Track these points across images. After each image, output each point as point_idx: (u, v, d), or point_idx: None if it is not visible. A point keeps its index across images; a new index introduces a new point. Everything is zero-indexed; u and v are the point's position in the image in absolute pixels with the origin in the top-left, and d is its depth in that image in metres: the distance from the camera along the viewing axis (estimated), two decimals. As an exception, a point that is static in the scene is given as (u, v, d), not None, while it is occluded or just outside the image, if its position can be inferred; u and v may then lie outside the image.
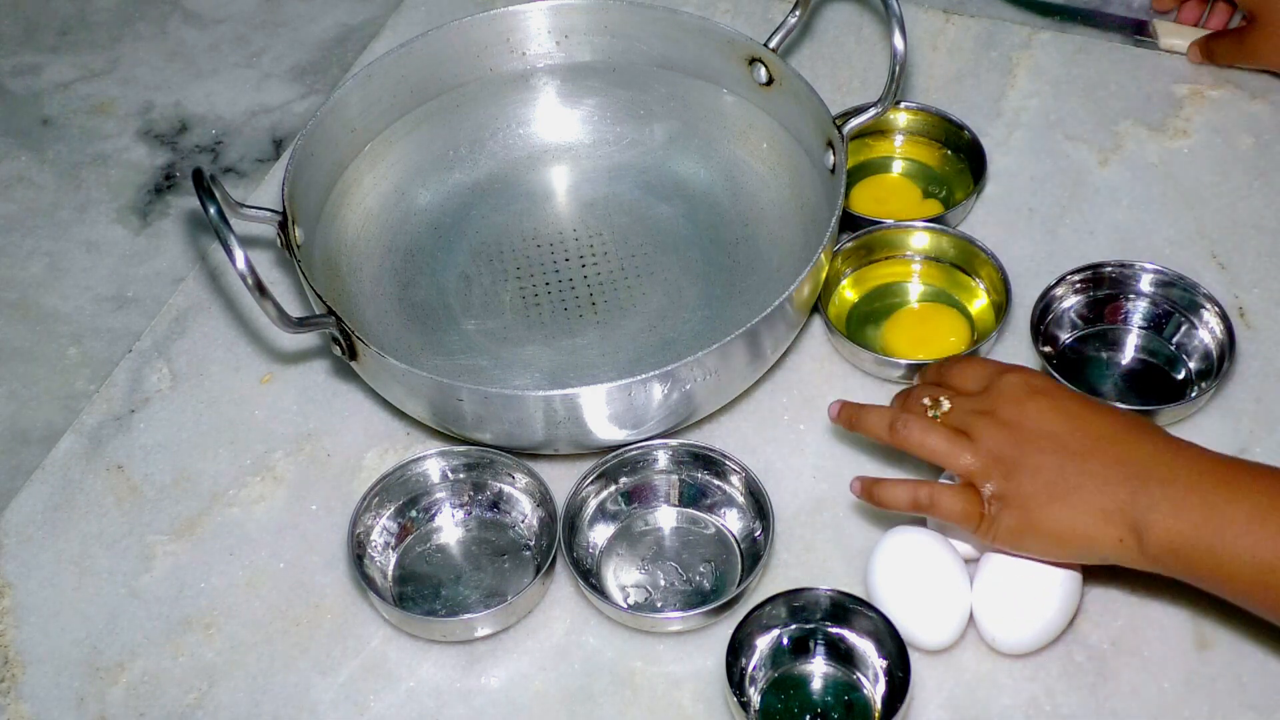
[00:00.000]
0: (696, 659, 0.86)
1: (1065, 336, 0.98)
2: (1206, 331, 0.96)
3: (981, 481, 0.81)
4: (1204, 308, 0.96)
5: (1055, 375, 0.92)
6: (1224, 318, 0.95)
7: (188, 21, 1.27)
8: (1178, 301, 0.97)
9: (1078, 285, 0.98)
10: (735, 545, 0.90)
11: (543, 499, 0.90)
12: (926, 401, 0.84)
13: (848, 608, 0.84)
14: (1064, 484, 0.79)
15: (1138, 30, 1.17)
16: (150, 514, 0.94)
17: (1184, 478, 0.77)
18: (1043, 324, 0.97)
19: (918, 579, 0.84)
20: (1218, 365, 0.94)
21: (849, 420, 0.87)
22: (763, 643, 0.84)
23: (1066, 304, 0.98)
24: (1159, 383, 0.96)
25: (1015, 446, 0.80)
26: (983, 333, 0.98)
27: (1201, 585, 0.78)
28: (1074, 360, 0.97)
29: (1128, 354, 0.97)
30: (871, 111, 0.98)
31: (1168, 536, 0.76)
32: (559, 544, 0.87)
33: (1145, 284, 0.98)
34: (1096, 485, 0.78)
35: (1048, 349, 0.96)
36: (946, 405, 0.84)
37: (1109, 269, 0.98)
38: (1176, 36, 1.15)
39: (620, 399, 0.88)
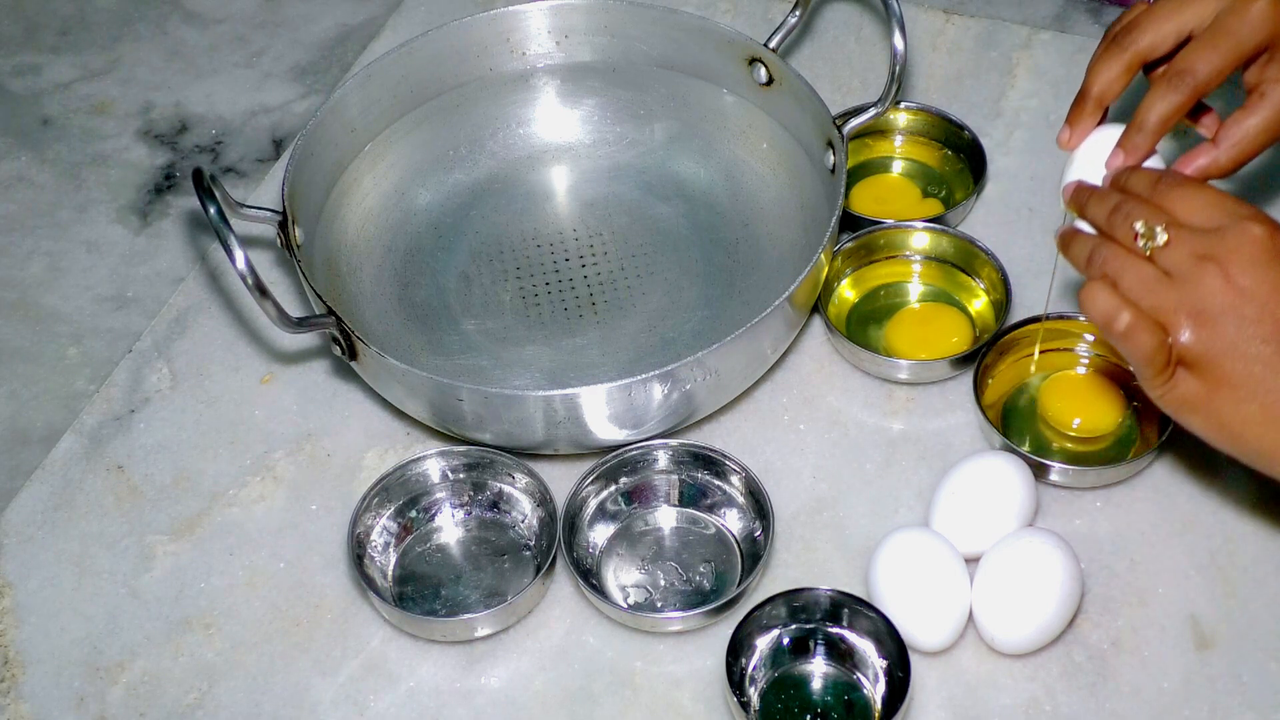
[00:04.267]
0: (696, 659, 0.86)
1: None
2: None
3: (1178, 331, 0.69)
4: None
5: None
6: None
7: (188, 21, 1.28)
8: None
9: None
10: (735, 545, 0.90)
11: (543, 499, 0.90)
12: (1139, 228, 0.72)
13: (848, 608, 0.84)
14: (1272, 383, 0.68)
15: None
16: (150, 514, 0.94)
17: None
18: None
19: (918, 579, 0.84)
20: None
21: (1062, 242, 0.77)
22: (763, 643, 0.84)
23: None
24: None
25: (1235, 316, 0.68)
26: (984, 331, 0.98)
27: None
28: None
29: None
30: (871, 111, 0.98)
31: None
32: (559, 544, 0.87)
33: None
34: None
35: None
36: (1163, 238, 0.70)
37: None
38: None
39: (620, 399, 0.88)
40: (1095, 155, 0.84)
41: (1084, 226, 0.80)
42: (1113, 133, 0.84)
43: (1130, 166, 0.81)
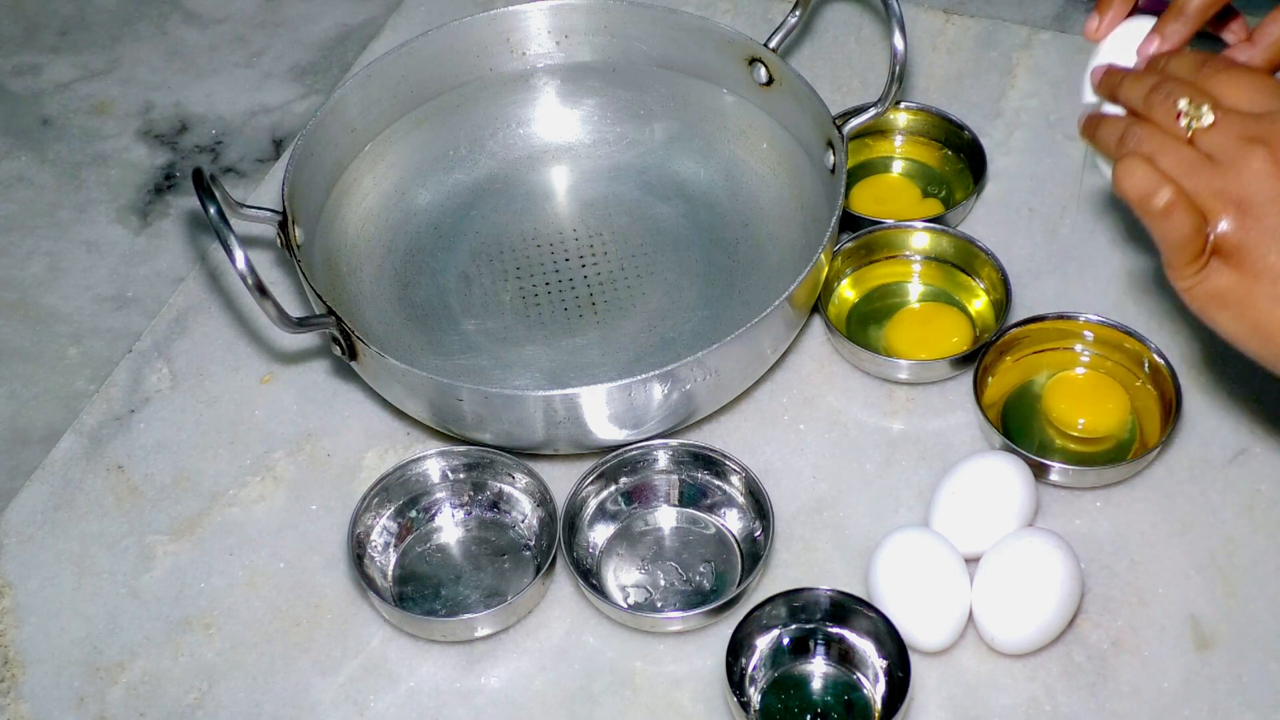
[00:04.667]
0: (696, 659, 0.86)
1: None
2: None
3: (1216, 218, 0.65)
4: None
5: None
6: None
7: (188, 21, 1.28)
8: None
9: None
10: (735, 545, 0.90)
11: (543, 499, 0.90)
12: (1183, 106, 0.67)
13: (848, 608, 0.84)
14: None
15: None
16: (150, 514, 0.94)
17: None
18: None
19: (918, 579, 0.84)
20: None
21: (1109, 90, 0.71)
22: (763, 643, 0.84)
23: None
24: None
25: (1279, 204, 0.63)
26: (984, 331, 0.98)
27: None
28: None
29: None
30: (871, 111, 0.98)
31: None
32: (559, 544, 0.87)
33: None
34: None
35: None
36: (1209, 118, 0.66)
37: None
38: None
39: (620, 399, 0.88)
40: (1125, 46, 0.78)
41: (1112, 110, 0.74)
42: (1143, 24, 0.78)
43: (1166, 53, 0.74)
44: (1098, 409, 0.93)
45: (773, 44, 1.03)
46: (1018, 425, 0.94)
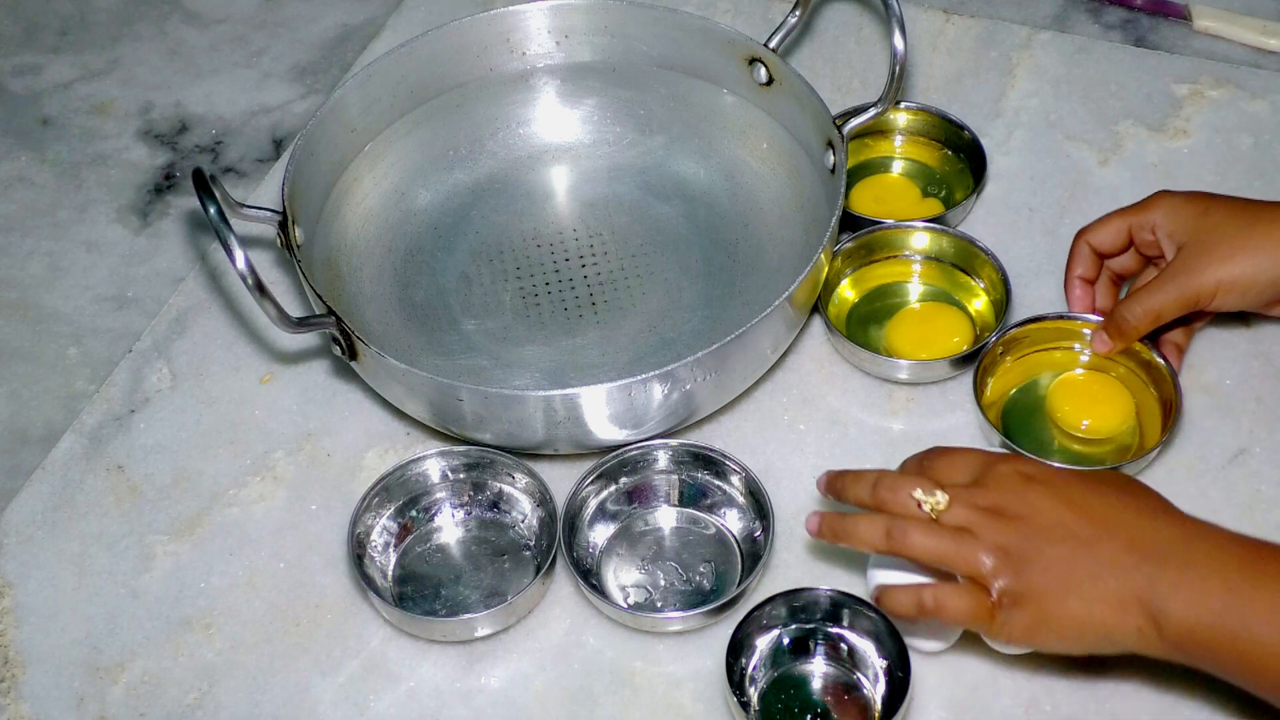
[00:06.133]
0: (696, 659, 0.86)
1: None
2: None
3: (991, 580, 0.75)
4: None
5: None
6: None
7: (188, 21, 1.28)
8: None
9: None
10: (735, 545, 0.90)
11: (543, 499, 0.90)
12: (919, 495, 0.77)
13: (848, 608, 0.84)
14: (1077, 575, 0.74)
15: (1171, 11, 1.17)
16: (150, 514, 0.94)
17: (1203, 560, 0.73)
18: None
19: (917, 579, 0.83)
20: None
21: (832, 533, 0.80)
22: (763, 643, 0.84)
23: None
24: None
25: (1023, 540, 0.75)
26: (984, 331, 0.98)
27: (1226, 676, 0.73)
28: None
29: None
30: (871, 111, 0.98)
31: (1188, 624, 0.72)
32: (559, 544, 0.87)
33: None
34: (1111, 573, 0.73)
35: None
36: (943, 499, 0.77)
37: None
38: (1211, 19, 1.16)
39: (620, 399, 0.88)
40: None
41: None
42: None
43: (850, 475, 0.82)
44: (1103, 410, 0.93)
45: (773, 44, 1.03)
46: (1017, 425, 0.94)
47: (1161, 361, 0.93)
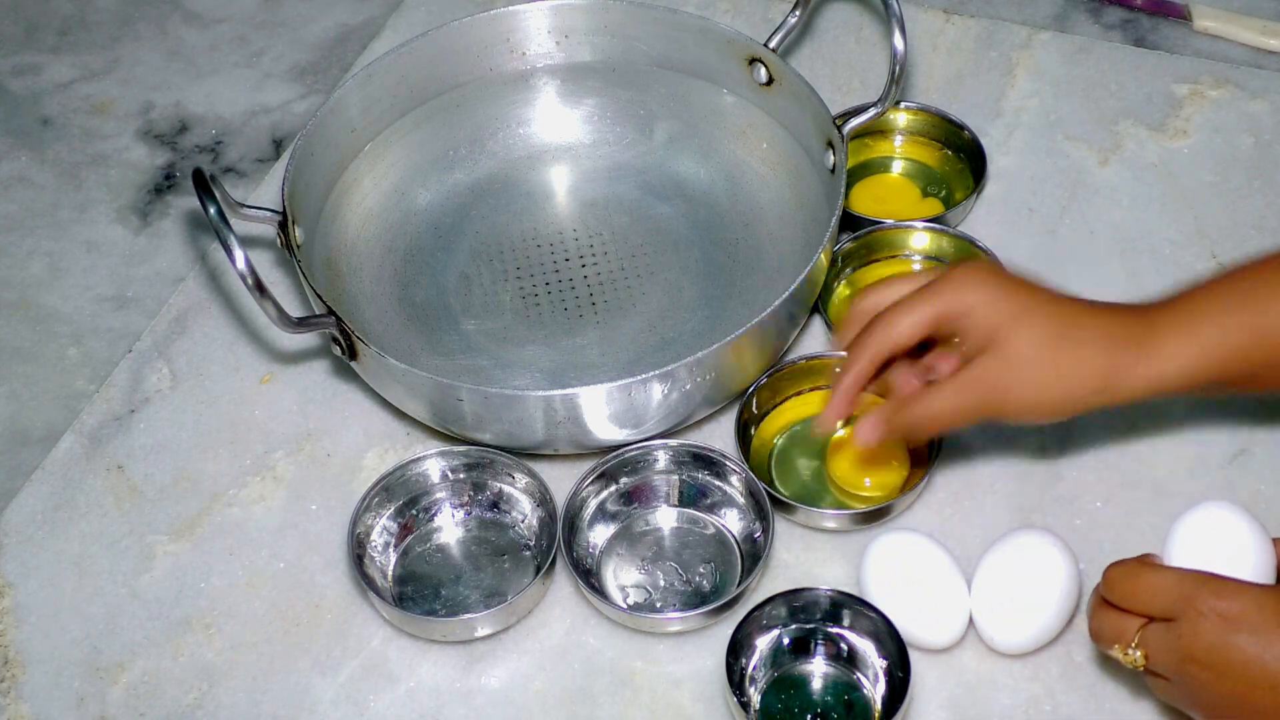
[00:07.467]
0: (696, 659, 0.86)
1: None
2: None
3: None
4: None
5: None
6: None
7: (188, 21, 1.27)
8: None
9: None
10: (735, 545, 0.90)
11: (543, 499, 0.90)
12: (1117, 655, 0.76)
13: (848, 608, 0.84)
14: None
15: (1171, 11, 1.17)
16: (150, 514, 0.94)
17: None
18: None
19: (912, 580, 0.84)
20: None
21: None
22: (763, 643, 0.84)
23: None
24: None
25: (1221, 693, 0.72)
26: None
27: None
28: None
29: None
30: (871, 111, 0.99)
31: None
32: (559, 544, 0.87)
33: None
34: None
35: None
36: (1140, 656, 0.74)
37: None
38: (1211, 19, 1.16)
39: (620, 399, 0.88)
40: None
41: None
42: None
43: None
44: (881, 469, 0.91)
45: (773, 44, 1.03)
46: (788, 472, 0.93)
47: None
